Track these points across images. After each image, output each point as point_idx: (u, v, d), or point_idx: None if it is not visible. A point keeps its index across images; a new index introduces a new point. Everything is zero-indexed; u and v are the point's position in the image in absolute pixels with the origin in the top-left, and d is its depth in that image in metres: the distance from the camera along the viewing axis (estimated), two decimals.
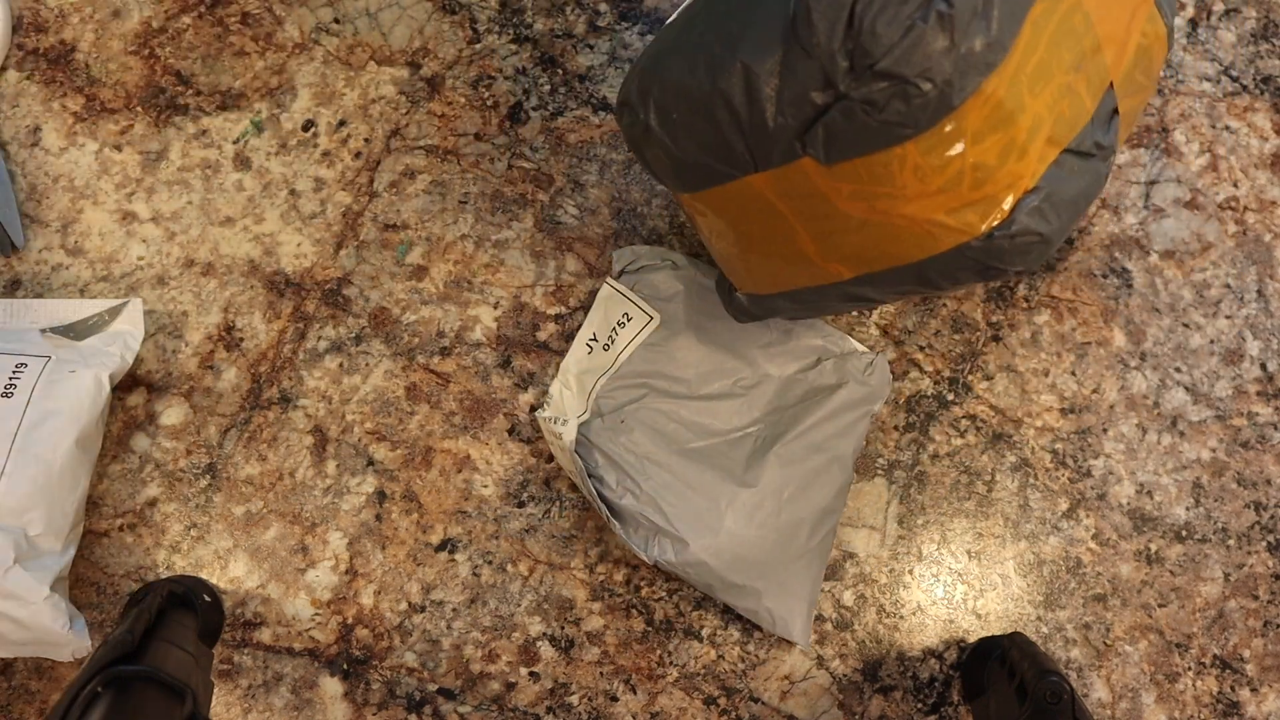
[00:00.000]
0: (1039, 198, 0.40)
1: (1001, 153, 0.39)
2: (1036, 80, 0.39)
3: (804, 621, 0.56)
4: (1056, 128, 0.40)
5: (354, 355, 0.62)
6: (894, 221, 0.42)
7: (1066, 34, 0.40)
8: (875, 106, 0.39)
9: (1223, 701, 0.58)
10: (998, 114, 0.39)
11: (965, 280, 0.45)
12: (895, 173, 0.41)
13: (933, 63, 0.37)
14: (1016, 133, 0.39)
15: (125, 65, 0.66)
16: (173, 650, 0.47)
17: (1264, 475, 0.61)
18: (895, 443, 0.61)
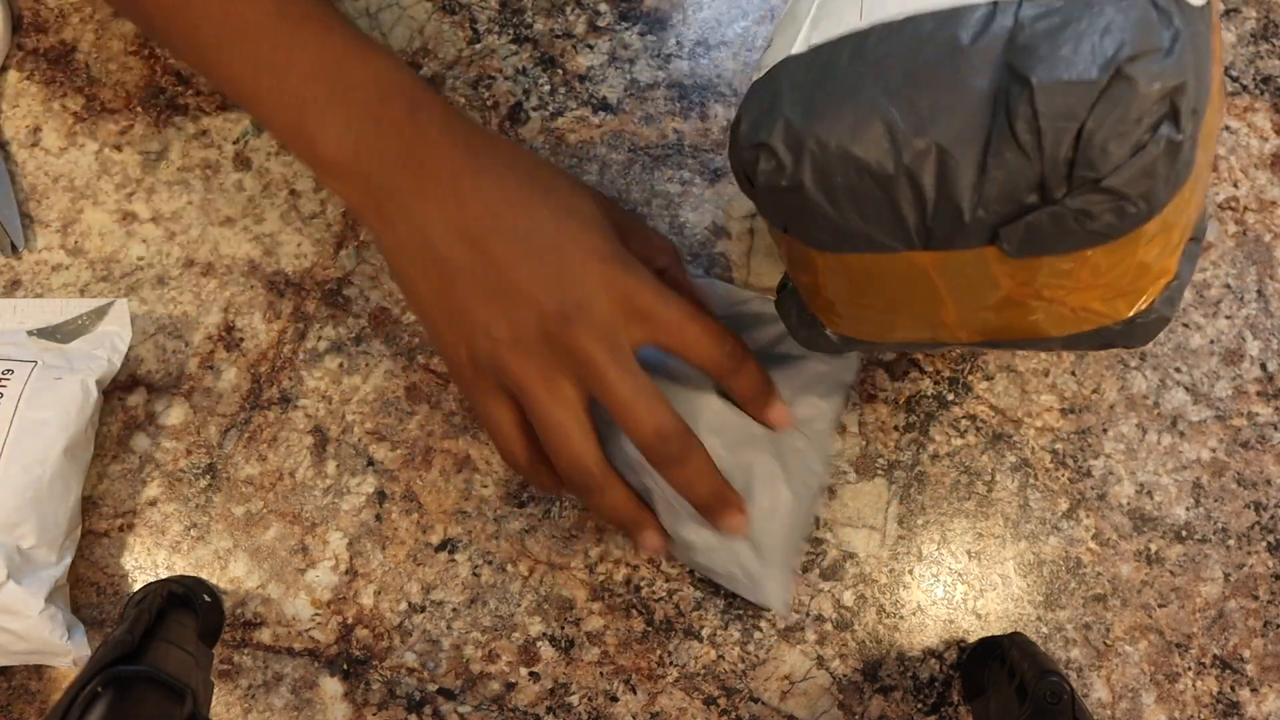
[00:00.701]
0: (1174, 287, 0.43)
1: (1162, 251, 0.41)
2: (1197, 185, 0.41)
3: (782, 589, 0.56)
4: (1189, 227, 0.43)
5: (354, 355, 0.62)
6: (1058, 309, 0.43)
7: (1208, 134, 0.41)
8: (1089, 217, 0.39)
9: (1223, 701, 0.58)
10: (1170, 218, 0.40)
11: (1076, 349, 0.48)
12: (1077, 270, 0.41)
13: (1155, 184, 0.38)
14: (1176, 233, 0.41)
15: (125, 65, 0.66)
16: (173, 650, 0.47)
17: (1264, 475, 0.61)
18: (895, 443, 0.61)
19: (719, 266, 0.63)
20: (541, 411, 0.49)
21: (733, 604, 0.59)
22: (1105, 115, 0.37)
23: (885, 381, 0.62)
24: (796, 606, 0.59)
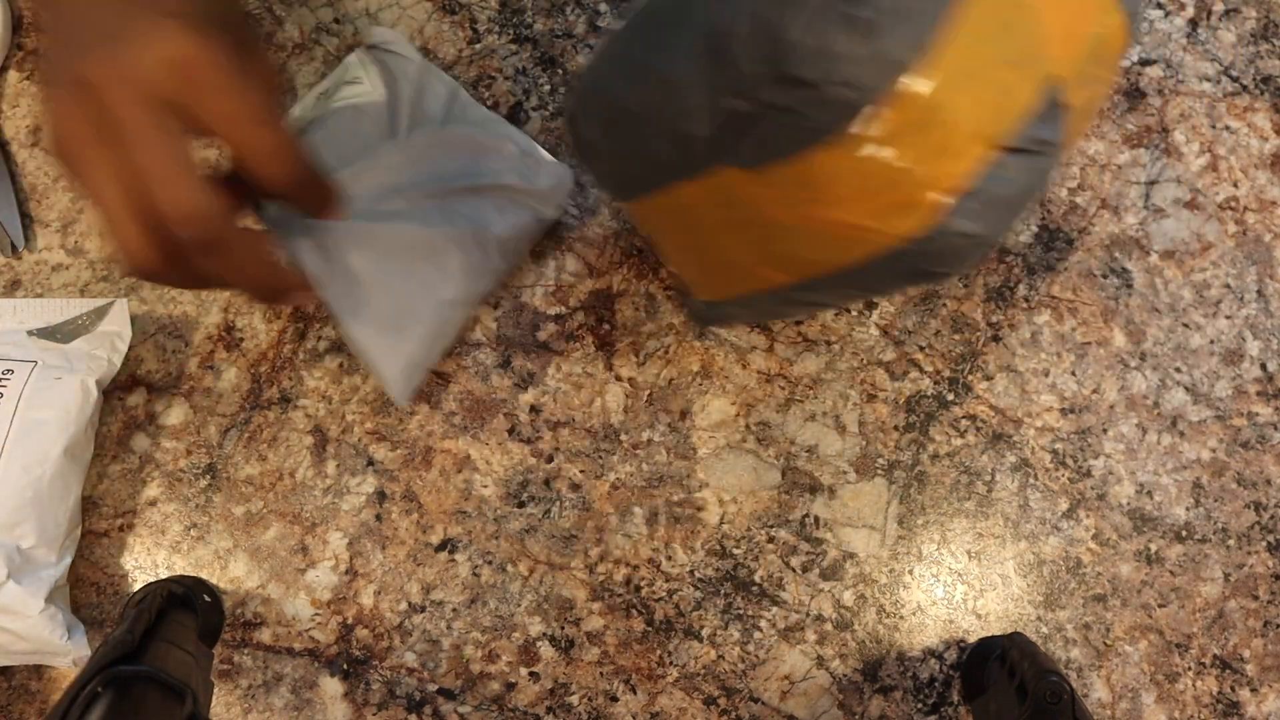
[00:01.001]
0: (974, 199, 0.39)
1: (926, 154, 0.38)
2: (965, 78, 0.37)
3: (403, 378, 0.57)
4: (992, 126, 0.38)
5: (354, 355, 0.62)
6: (823, 227, 0.42)
7: (1001, 28, 0.38)
8: (793, 113, 0.39)
9: (1223, 701, 0.58)
10: (918, 115, 0.37)
11: (903, 284, 0.44)
12: (818, 177, 0.40)
13: (845, 66, 0.37)
14: (943, 133, 0.38)
15: None
16: (173, 650, 0.47)
17: (1264, 475, 0.61)
18: (895, 443, 0.61)
19: None
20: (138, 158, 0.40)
21: (733, 604, 0.59)
22: (786, 5, 0.37)
23: (885, 381, 0.62)
24: (796, 606, 0.59)
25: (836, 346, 0.63)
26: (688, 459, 0.61)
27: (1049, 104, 0.39)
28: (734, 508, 0.60)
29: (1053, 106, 0.40)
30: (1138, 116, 0.67)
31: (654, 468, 0.61)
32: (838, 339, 0.63)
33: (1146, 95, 0.67)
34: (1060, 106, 0.40)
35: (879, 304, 0.63)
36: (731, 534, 0.60)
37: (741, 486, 0.60)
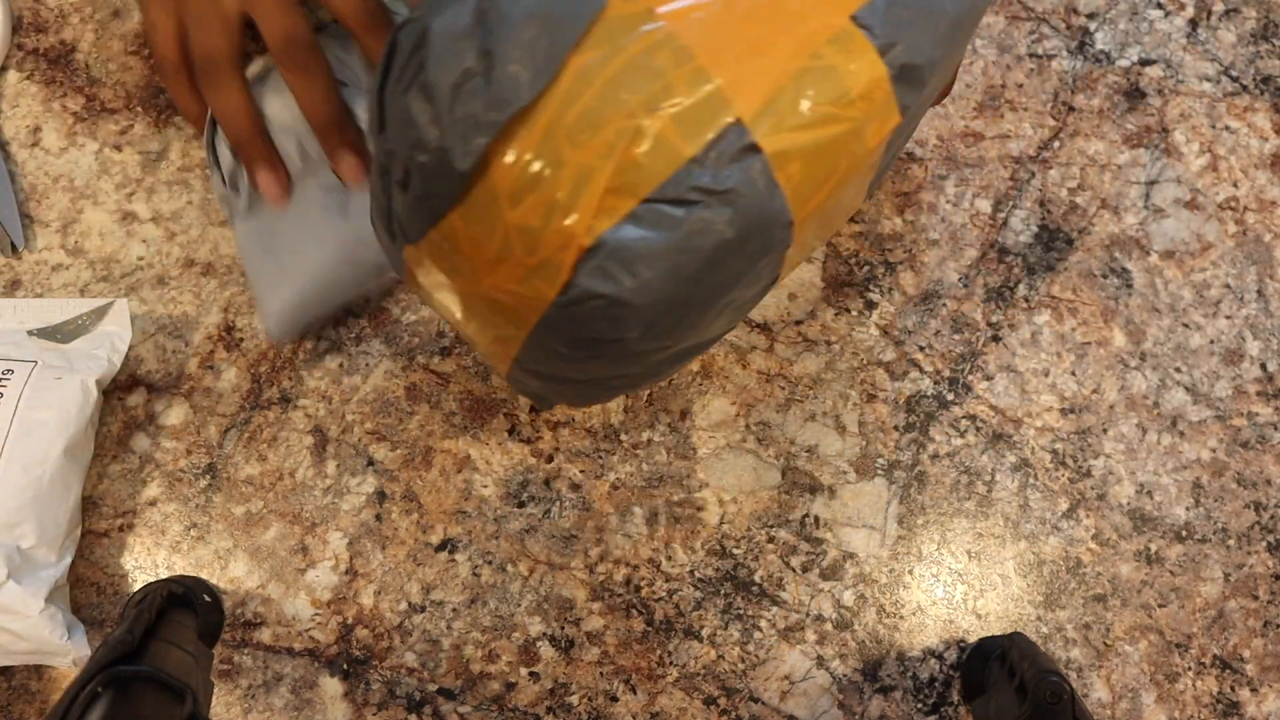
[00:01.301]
0: (600, 256, 0.36)
1: (545, 212, 0.36)
2: (579, 130, 0.36)
3: (280, 316, 0.58)
4: (622, 178, 0.36)
5: (354, 355, 0.62)
6: (486, 296, 0.40)
7: (637, 75, 0.36)
8: (404, 185, 0.38)
9: (1223, 701, 0.58)
10: (529, 173, 0.36)
11: (584, 351, 0.40)
12: (458, 246, 0.39)
13: (422, 133, 0.36)
14: (555, 190, 0.36)
15: (125, 65, 0.66)
16: (173, 650, 0.47)
17: (1264, 475, 0.61)
18: (895, 443, 0.61)
19: None
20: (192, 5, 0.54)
21: (733, 604, 0.59)
22: (425, 69, 0.36)
23: (885, 381, 0.62)
24: (796, 606, 0.59)
25: (836, 346, 0.63)
26: (688, 459, 0.61)
27: (729, 148, 0.37)
28: (734, 508, 0.60)
29: (738, 150, 0.37)
30: (1138, 116, 0.67)
31: (654, 468, 0.61)
32: (838, 339, 0.63)
33: (1146, 95, 0.67)
34: (748, 149, 0.37)
35: (878, 304, 0.63)
36: (731, 534, 0.60)
37: (741, 486, 0.60)
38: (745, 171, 0.37)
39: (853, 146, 0.40)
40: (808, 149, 0.38)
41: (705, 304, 0.39)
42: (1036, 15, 0.69)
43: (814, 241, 0.46)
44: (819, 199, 0.40)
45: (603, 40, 0.36)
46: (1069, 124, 0.67)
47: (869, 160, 0.42)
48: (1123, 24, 0.68)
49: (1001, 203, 0.65)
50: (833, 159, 0.39)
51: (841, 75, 0.39)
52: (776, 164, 0.37)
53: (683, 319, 0.39)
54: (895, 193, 0.65)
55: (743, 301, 0.43)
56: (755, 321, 0.63)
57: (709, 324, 0.42)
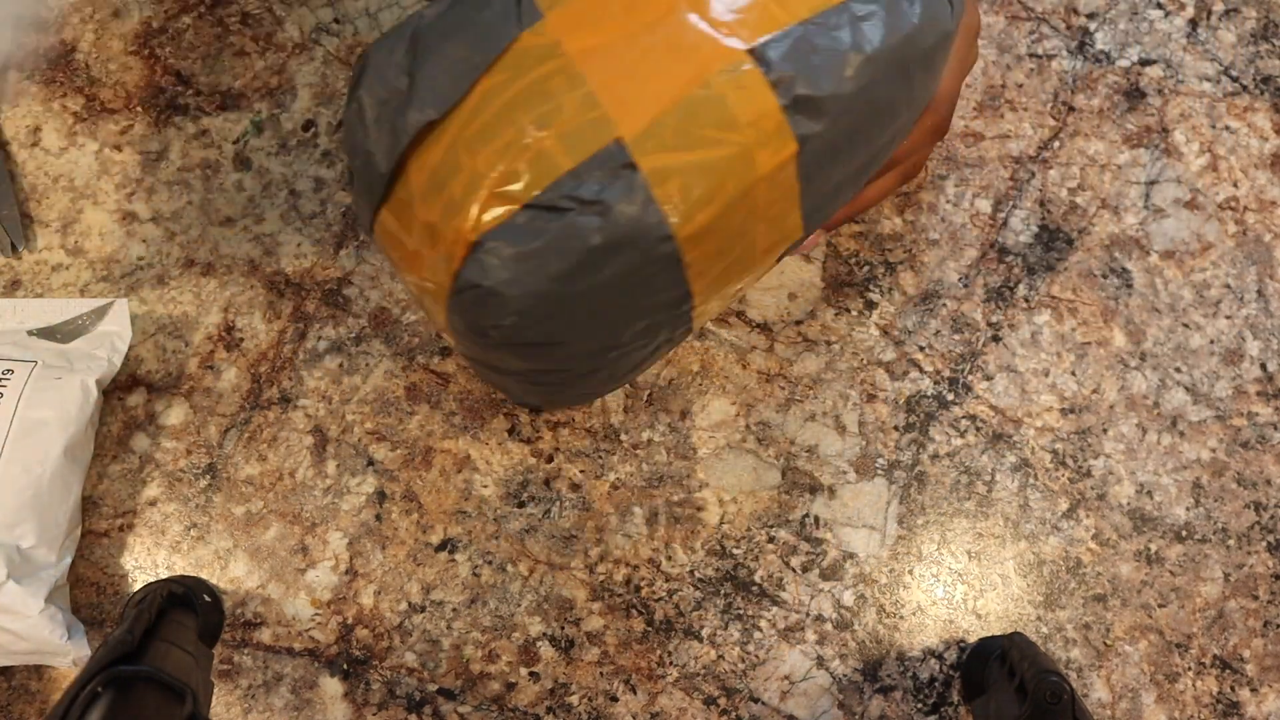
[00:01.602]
0: (480, 252, 0.42)
1: (444, 211, 0.42)
2: (476, 142, 0.42)
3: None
4: (506, 184, 0.41)
5: (354, 355, 0.62)
6: (417, 285, 0.46)
7: (533, 97, 0.42)
8: (350, 184, 0.46)
9: (1223, 701, 0.58)
10: (435, 177, 0.42)
11: (482, 339, 0.45)
12: (391, 240, 0.45)
13: (356, 139, 0.43)
14: (453, 191, 0.42)
15: (125, 65, 0.66)
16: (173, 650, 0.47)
17: (1264, 475, 0.61)
18: (895, 443, 0.61)
19: None
20: None
21: (733, 604, 0.59)
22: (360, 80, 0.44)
23: (885, 381, 0.62)
24: (796, 606, 0.59)
25: (836, 346, 0.63)
26: (688, 459, 0.61)
27: (607, 164, 0.41)
28: (734, 508, 0.60)
29: (616, 166, 0.41)
30: (1138, 116, 0.67)
31: (654, 468, 0.61)
32: (838, 339, 0.63)
33: (1146, 95, 0.67)
34: (626, 166, 0.41)
35: (878, 304, 0.63)
36: (731, 534, 0.60)
37: (741, 486, 0.60)
38: (620, 185, 0.41)
39: (739, 169, 0.43)
40: (687, 168, 0.42)
41: (588, 305, 0.44)
42: (1036, 15, 0.69)
43: (736, 264, 0.49)
44: (706, 217, 0.43)
45: (509, 66, 0.42)
46: (1069, 124, 0.67)
47: (772, 185, 0.45)
48: (1123, 24, 0.68)
49: (1001, 203, 0.65)
50: (717, 179, 0.43)
51: (729, 103, 0.43)
52: (654, 180, 0.42)
53: (563, 314, 0.44)
54: (895, 193, 0.65)
55: (650, 311, 0.47)
56: (755, 321, 0.63)
57: (612, 328, 0.47)
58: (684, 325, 0.51)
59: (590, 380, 0.52)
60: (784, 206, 0.47)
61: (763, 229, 0.47)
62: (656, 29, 0.43)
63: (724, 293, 0.51)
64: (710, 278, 0.48)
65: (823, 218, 0.53)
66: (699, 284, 0.47)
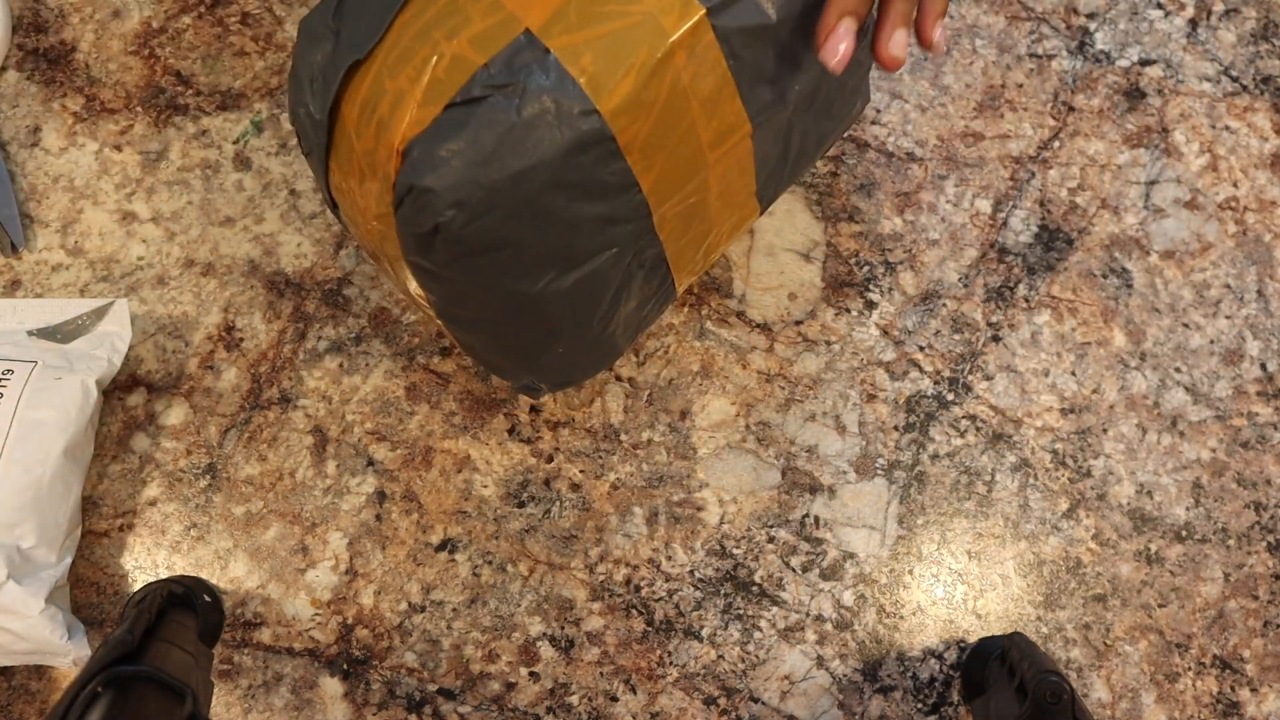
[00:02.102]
0: (411, 158, 0.44)
1: (376, 134, 0.45)
2: (397, 65, 0.44)
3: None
4: (428, 93, 0.44)
5: (354, 355, 0.62)
6: (373, 236, 0.48)
7: (444, 15, 0.44)
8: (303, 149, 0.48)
9: (1223, 701, 0.58)
10: (366, 108, 0.45)
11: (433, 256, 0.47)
12: (342, 192, 0.48)
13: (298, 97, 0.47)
14: (381, 113, 0.44)
15: (125, 65, 0.66)
16: (173, 650, 0.47)
17: (1264, 475, 0.61)
18: (895, 443, 0.61)
19: (718, 265, 0.63)
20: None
21: (733, 604, 0.59)
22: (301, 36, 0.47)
23: (885, 381, 0.62)
24: (796, 606, 0.59)
25: (836, 346, 0.63)
26: (688, 459, 0.61)
27: (520, 54, 0.43)
28: (734, 508, 0.60)
29: (530, 55, 0.43)
30: (1138, 116, 0.67)
31: (654, 468, 0.61)
32: (838, 339, 0.63)
33: (1146, 95, 0.67)
34: (538, 51, 0.43)
35: (878, 304, 0.63)
36: (731, 534, 0.60)
37: (741, 486, 0.60)
38: (531, 68, 0.44)
39: (648, 35, 0.45)
40: (596, 42, 0.44)
41: (525, 193, 0.45)
42: (1036, 15, 0.69)
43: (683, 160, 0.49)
44: (626, 87, 0.44)
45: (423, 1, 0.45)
46: (1069, 124, 0.67)
47: (691, 54, 0.46)
48: (1123, 24, 0.68)
49: (1001, 203, 0.65)
50: (627, 48, 0.44)
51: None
52: (566, 59, 0.44)
53: (500, 205, 0.45)
54: (895, 193, 0.65)
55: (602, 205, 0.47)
56: (755, 321, 0.63)
57: (562, 227, 0.47)
58: (651, 243, 0.51)
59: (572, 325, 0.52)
60: (714, 84, 0.47)
61: (699, 111, 0.48)
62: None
63: (683, 198, 0.51)
64: (658, 170, 0.48)
65: (784, 134, 0.52)
66: (647, 177, 0.48)
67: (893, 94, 0.67)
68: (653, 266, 0.53)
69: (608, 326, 0.54)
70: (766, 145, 0.52)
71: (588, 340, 0.54)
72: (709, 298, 0.63)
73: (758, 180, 0.54)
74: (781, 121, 0.52)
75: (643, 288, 0.54)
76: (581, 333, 0.53)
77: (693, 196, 0.51)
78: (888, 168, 0.65)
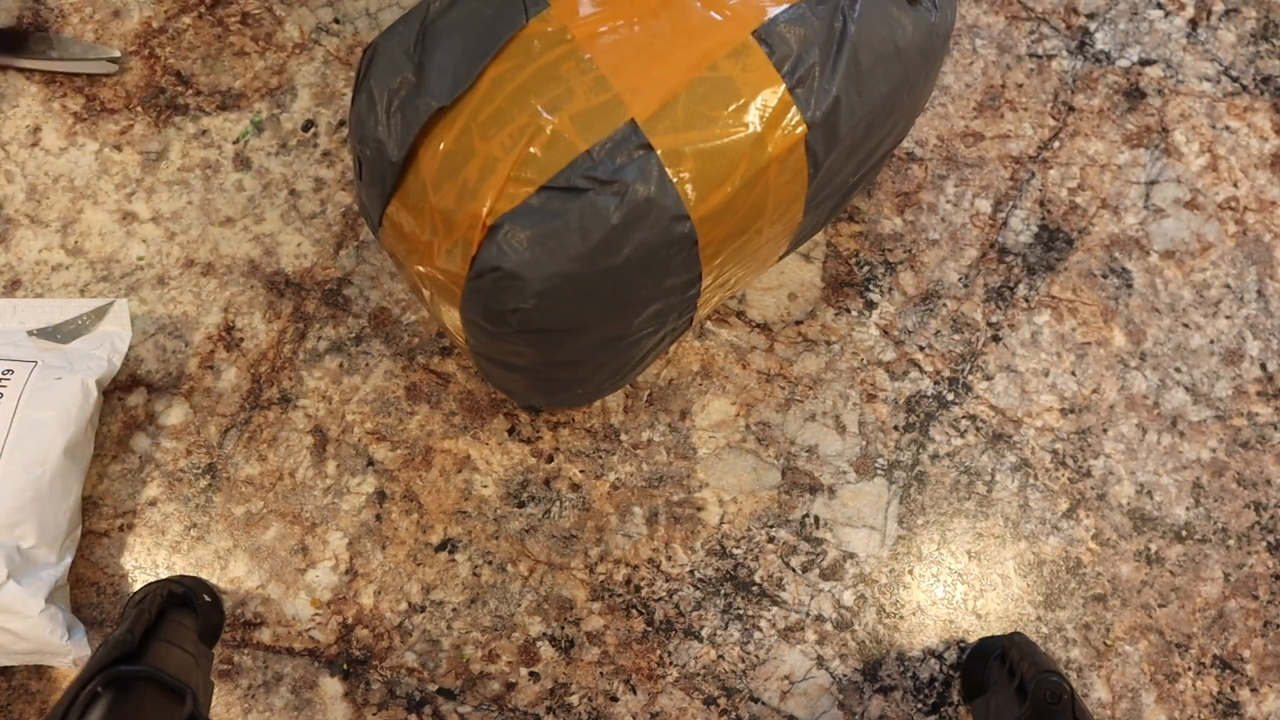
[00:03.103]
0: (499, 235, 0.42)
1: (458, 197, 0.43)
2: (489, 127, 0.42)
3: None
4: (522, 168, 0.42)
5: (354, 355, 0.62)
6: (428, 277, 0.46)
7: (544, 82, 0.42)
8: (360, 176, 0.46)
9: (1223, 701, 0.58)
10: (448, 163, 0.43)
11: (499, 327, 0.45)
12: (402, 230, 0.46)
13: (366, 129, 0.44)
14: (467, 176, 0.42)
15: (125, 65, 0.66)
16: (173, 650, 0.47)
17: (1264, 475, 0.61)
18: (895, 443, 0.61)
19: None
20: None
21: (733, 604, 0.59)
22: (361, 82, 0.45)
23: (885, 381, 0.62)
24: (796, 606, 0.59)
25: (836, 346, 0.63)
26: (688, 459, 0.61)
27: (622, 145, 0.42)
28: (734, 508, 0.60)
29: (632, 147, 0.42)
30: (1138, 116, 0.67)
31: (654, 468, 0.61)
32: (838, 339, 0.63)
33: (1146, 95, 0.67)
34: (642, 148, 0.42)
35: (878, 304, 0.63)
36: (731, 534, 0.60)
37: (741, 486, 0.60)
38: (636, 166, 0.42)
39: (750, 150, 0.44)
40: (701, 150, 0.43)
41: (606, 287, 0.44)
42: (1036, 15, 0.69)
43: (743, 250, 0.49)
44: (720, 197, 0.44)
45: (518, 53, 0.43)
46: (1069, 124, 0.67)
47: (783, 168, 0.45)
48: (1123, 24, 0.68)
49: (1001, 203, 0.65)
50: (729, 160, 0.44)
51: (737, 85, 0.43)
52: (669, 161, 0.43)
53: (583, 297, 0.44)
54: (895, 193, 0.65)
55: (663, 294, 0.47)
56: (755, 321, 0.63)
57: (626, 313, 0.47)
58: (688, 312, 0.51)
59: (599, 375, 0.52)
60: (794, 188, 0.47)
61: (770, 215, 0.48)
62: (661, 13, 0.43)
63: (725, 281, 0.51)
64: (719, 261, 0.48)
65: (823, 213, 0.53)
66: (709, 265, 0.48)
67: None
68: (683, 326, 0.54)
69: (628, 375, 0.55)
70: (813, 218, 0.53)
71: (608, 385, 0.55)
72: None
73: (790, 247, 0.56)
74: (833, 197, 0.53)
75: (668, 341, 0.55)
76: (606, 381, 0.54)
77: (740, 271, 0.52)
78: (888, 168, 0.65)
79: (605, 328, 0.47)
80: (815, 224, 0.56)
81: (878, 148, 0.51)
